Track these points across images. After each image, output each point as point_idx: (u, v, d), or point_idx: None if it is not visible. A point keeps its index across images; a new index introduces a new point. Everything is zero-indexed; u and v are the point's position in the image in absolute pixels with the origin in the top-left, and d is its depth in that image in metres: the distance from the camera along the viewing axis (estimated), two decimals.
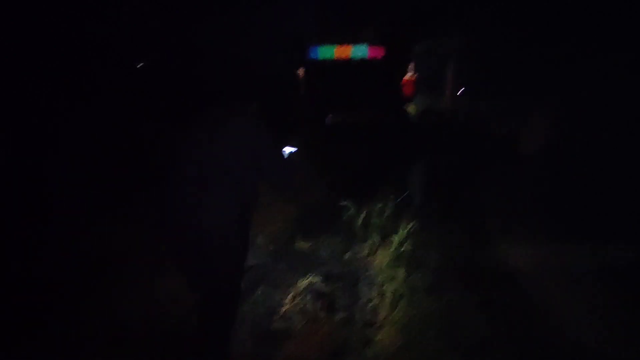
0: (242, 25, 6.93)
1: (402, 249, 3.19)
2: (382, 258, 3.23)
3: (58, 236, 3.46)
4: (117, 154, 4.77)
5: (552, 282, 2.97)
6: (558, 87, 5.45)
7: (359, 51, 6.41)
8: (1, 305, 2.57)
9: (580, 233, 3.44)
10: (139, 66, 7.42)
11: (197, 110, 2.04)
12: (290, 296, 2.82)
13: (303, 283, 2.94)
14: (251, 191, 1.99)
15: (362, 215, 3.55)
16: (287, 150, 2.17)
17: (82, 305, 2.68)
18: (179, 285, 2.38)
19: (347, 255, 3.40)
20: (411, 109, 8.26)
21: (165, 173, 1.96)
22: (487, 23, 7.67)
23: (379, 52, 6.43)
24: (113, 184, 4.28)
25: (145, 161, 3.59)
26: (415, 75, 9.38)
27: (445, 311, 2.58)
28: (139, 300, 2.76)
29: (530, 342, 2.37)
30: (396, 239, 3.27)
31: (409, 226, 3.38)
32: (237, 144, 1.86)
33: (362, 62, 6.46)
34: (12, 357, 2.28)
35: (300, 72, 6.60)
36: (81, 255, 3.20)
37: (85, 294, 2.79)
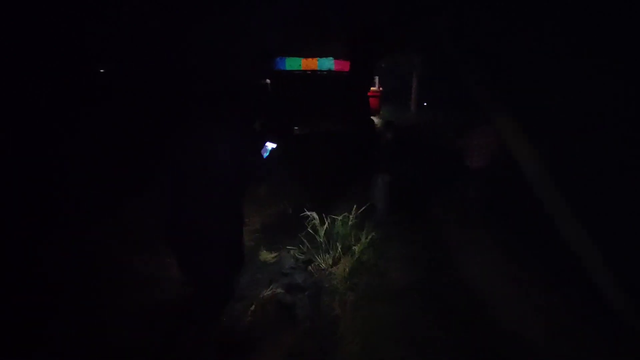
0: (211, 37, 6.92)
1: (364, 259, 3.27)
2: (344, 268, 3.28)
3: (59, 236, 3.49)
4: (116, 154, 4.86)
5: (501, 288, 3.15)
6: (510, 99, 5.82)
7: (325, 64, 6.54)
8: (3, 304, 2.58)
9: (528, 240, 3.67)
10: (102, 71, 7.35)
11: (187, 116, 2.35)
12: (253, 308, 2.82)
13: (266, 294, 2.95)
14: (239, 182, 2.24)
15: (325, 226, 3.60)
16: (269, 146, 2.43)
17: (84, 303, 2.73)
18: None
19: (310, 266, 3.43)
20: (376, 121, 8.51)
21: (165, 171, 2.19)
22: (445, 39, 8.08)
23: (344, 66, 6.59)
24: (111, 184, 4.34)
25: (144, 160, 3.77)
26: (380, 89, 9.71)
27: (403, 320, 2.68)
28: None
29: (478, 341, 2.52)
30: (357, 248, 3.35)
31: (370, 236, 3.47)
32: (225, 144, 2.14)
33: (328, 75, 6.60)
34: (12, 357, 2.27)
35: (268, 82, 6.67)
36: (81, 254, 3.26)
37: (86, 293, 2.83)
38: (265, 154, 2.39)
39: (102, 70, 7.43)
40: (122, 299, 2.83)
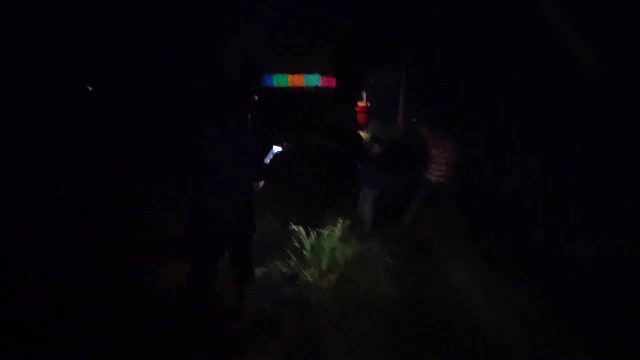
0: (201, 53, 7.06)
1: (350, 273, 3.31)
2: (330, 281, 3.32)
3: (62, 235, 3.65)
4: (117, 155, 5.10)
5: (484, 295, 3.22)
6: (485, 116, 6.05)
7: (312, 80, 6.67)
8: (5, 304, 2.68)
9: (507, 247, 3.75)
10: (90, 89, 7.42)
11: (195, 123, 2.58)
12: (240, 324, 2.84)
13: (253, 310, 2.97)
14: (249, 178, 2.70)
15: (311, 240, 3.65)
16: (275, 149, 3.02)
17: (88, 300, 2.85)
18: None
19: (297, 281, 3.46)
20: (364, 135, 8.64)
21: (191, 167, 2.52)
22: (429, 56, 8.34)
23: (331, 82, 6.74)
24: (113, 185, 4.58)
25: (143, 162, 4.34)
26: (368, 104, 9.89)
27: (389, 333, 2.72)
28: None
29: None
30: (343, 262, 3.40)
31: (356, 250, 3.52)
32: (238, 144, 2.56)
33: (315, 91, 6.72)
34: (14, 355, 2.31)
35: (255, 98, 6.76)
36: (83, 253, 3.41)
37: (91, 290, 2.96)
38: (270, 156, 2.99)
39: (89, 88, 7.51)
40: (121, 298, 2.97)
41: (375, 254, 3.78)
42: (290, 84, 6.73)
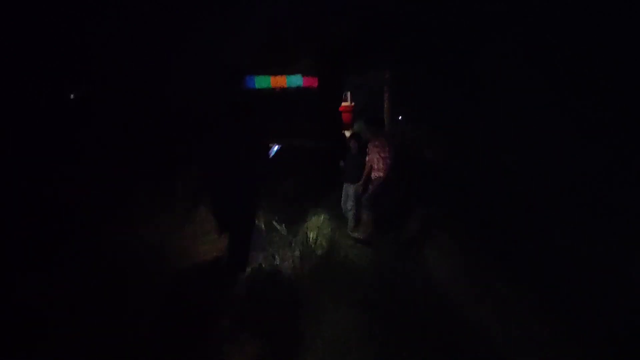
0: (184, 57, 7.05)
1: (333, 264, 3.34)
2: (311, 274, 3.34)
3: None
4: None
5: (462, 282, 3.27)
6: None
7: (294, 81, 6.70)
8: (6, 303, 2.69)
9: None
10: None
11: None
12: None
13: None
14: (254, 173, 3.14)
15: (296, 237, 3.68)
16: (275, 147, 3.48)
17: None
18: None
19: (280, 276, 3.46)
20: (349, 135, 8.69)
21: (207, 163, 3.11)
22: (412, 57, 8.45)
23: (312, 82, 6.77)
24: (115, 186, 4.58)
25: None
26: (352, 104, 9.95)
27: (371, 324, 2.75)
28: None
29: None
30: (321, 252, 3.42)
31: (339, 243, 3.54)
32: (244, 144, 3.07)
33: (298, 91, 6.74)
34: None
35: (239, 100, 6.76)
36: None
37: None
38: (272, 153, 3.40)
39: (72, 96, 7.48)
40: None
41: (359, 246, 3.82)
42: (272, 85, 6.75)
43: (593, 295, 2.74)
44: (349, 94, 9.73)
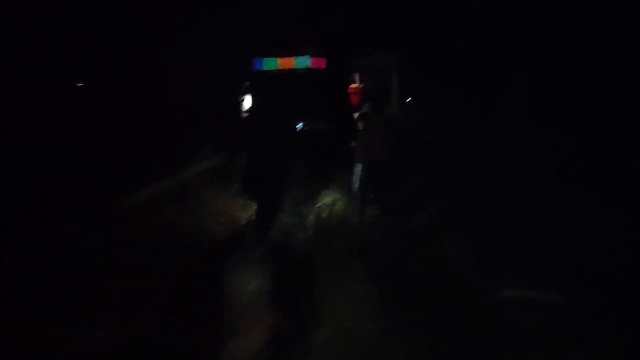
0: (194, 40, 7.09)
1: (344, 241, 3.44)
2: (325, 255, 3.45)
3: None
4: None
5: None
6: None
7: (302, 62, 6.66)
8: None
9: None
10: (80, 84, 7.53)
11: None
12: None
13: None
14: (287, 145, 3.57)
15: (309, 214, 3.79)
16: (300, 125, 4.38)
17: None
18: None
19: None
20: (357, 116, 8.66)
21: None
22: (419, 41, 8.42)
23: (321, 63, 6.73)
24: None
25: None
26: (361, 86, 9.88)
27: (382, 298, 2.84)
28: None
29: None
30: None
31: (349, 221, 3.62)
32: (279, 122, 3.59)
33: (306, 73, 6.70)
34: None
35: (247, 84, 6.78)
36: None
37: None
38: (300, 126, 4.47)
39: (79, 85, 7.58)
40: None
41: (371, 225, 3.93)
42: (280, 67, 6.72)
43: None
44: (357, 75, 9.65)
